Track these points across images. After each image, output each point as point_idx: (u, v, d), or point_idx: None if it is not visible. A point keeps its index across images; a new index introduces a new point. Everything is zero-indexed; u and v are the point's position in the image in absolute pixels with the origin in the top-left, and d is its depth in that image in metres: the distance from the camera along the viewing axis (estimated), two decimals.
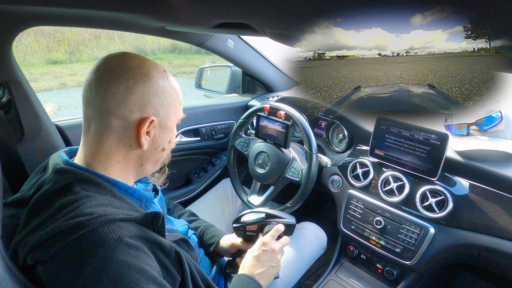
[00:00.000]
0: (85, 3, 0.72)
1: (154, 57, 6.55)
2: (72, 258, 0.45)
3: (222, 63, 1.75)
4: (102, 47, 6.31)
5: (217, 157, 1.60)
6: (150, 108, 0.55)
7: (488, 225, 0.87)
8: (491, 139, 0.95)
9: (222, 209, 1.23)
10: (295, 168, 1.09)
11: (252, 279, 0.68)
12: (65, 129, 1.12)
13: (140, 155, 0.59)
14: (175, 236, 0.63)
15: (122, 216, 0.48)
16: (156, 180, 0.74)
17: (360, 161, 1.14)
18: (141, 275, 0.45)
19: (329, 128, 1.32)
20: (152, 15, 0.81)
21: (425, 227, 0.95)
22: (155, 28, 1.04)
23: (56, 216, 0.48)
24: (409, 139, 1.00)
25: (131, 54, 0.57)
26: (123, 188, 0.56)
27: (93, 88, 0.53)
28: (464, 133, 1.00)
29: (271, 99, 1.56)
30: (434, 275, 1.08)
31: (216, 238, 0.87)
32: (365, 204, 1.09)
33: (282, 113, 1.09)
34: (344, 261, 1.22)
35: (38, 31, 5.72)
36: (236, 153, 1.27)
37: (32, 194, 0.55)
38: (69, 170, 0.53)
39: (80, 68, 5.79)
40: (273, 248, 0.74)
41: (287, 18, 0.63)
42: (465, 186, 0.94)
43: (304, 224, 1.14)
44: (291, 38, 0.78)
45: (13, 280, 0.45)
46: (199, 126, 1.47)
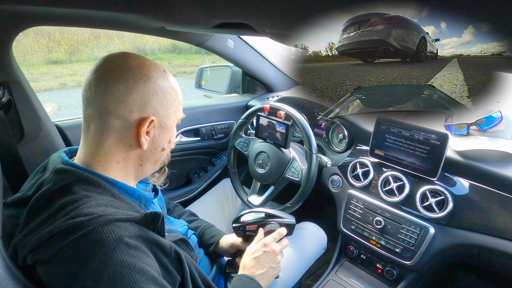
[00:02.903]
0: (85, 3, 0.72)
1: (154, 57, 6.55)
2: (72, 258, 0.45)
3: (222, 63, 1.75)
4: (102, 47, 6.31)
5: (217, 157, 1.60)
6: (150, 108, 0.55)
7: (488, 225, 0.87)
8: (491, 139, 0.95)
9: (222, 209, 1.23)
10: (295, 168, 1.09)
11: (253, 279, 0.68)
12: (65, 129, 1.12)
13: (140, 155, 0.59)
14: (175, 236, 0.63)
15: (121, 216, 0.48)
16: (156, 180, 0.74)
17: (360, 161, 1.14)
18: (141, 275, 0.45)
19: (329, 128, 1.32)
20: (152, 15, 0.82)
21: (425, 227, 0.95)
22: (155, 28, 1.04)
23: (56, 216, 0.48)
24: (409, 139, 1.00)
25: (131, 54, 0.57)
26: (123, 188, 0.56)
27: (93, 88, 0.53)
28: (464, 133, 0.99)
29: (271, 99, 1.56)
30: (434, 275, 1.08)
31: (216, 238, 0.87)
32: (365, 204, 1.09)
33: (282, 113, 1.09)
34: (344, 261, 1.22)
35: (38, 31, 5.72)
36: (236, 153, 1.27)
37: (32, 194, 0.55)
38: (68, 170, 0.53)
39: (80, 68, 5.79)
40: (274, 250, 0.74)
41: (287, 18, 0.63)
42: (465, 186, 0.94)
43: (304, 224, 1.14)
44: (291, 38, 0.78)
45: (13, 280, 0.45)
46: (199, 126, 1.47)
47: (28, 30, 0.92)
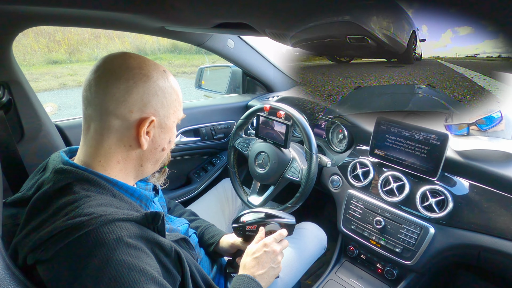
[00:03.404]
0: (85, 3, 0.72)
1: (154, 57, 6.55)
2: (72, 258, 0.45)
3: (222, 63, 1.75)
4: (102, 47, 6.31)
5: (217, 157, 1.60)
6: (150, 108, 0.55)
7: (488, 225, 0.87)
8: (491, 139, 0.95)
9: (222, 209, 1.23)
10: (295, 168, 1.09)
11: (253, 279, 0.68)
12: (65, 129, 1.12)
13: (140, 155, 0.59)
14: (176, 235, 0.63)
15: (122, 216, 0.48)
16: (156, 180, 0.74)
17: (360, 161, 1.14)
18: (141, 275, 0.45)
19: (329, 128, 1.32)
20: (152, 15, 0.82)
21: (425, 227, 0.95)
22: (155, 28, 1.04)
23: (56, 216, 0.48)
24: (409, 139, 1.00)
25: (131, 54, 0.57)
26: (123, 188, 0.56)
27: (93, 88, 0.53)
28: (464, 133, 0.99)
29: (271, 99, 1.56)
30: (434, 275, 1.08)
31: (216, 238, 0.87)
32: (365, 204, 1.09)
33: (282, 113, 1.09)
34: (344, 261, 1.22)
35: (38, 31, 5.72)
36: (236, 153, 1.27)
37: (32, 194, 0.55)
38: (69, 170, 0.53)
39: (80, 68, 5.79)
40: (274, 250, 0.74)
41: (287, 18, 0.63)
42: (465, 186, 0.94)
43: (304, 224, 1.14)
44: (291, 38, 0.78)
45: (13, 280, 0.45)
46: (199, 126, 1.47)
47: (28, 30, 0.92)
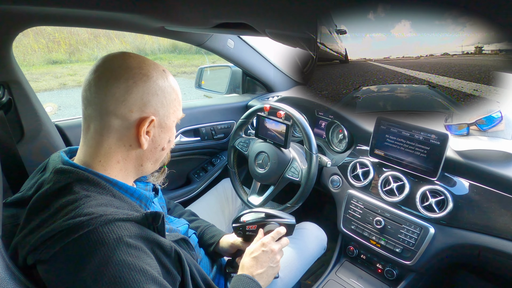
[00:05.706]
0: (85, 3, 0.72)
1: (154, 57, 6.55)
2: (72, 258, 0.45)
3: (222, 63, 1.74)
4: (102, 47, 6.31)
5: (217, 157, 1.60)
6: (150, 107, 0.55)
7: (488, 225, 0.87)
8: (491, 139, 0.95)
9: (222, 209, 1.23)
10: (295, 168, 1.09)
11: (252, 279, 0.68)
12: (65, 129, 1.12)
13: (140, 154, 0.59)
14: (175, 235, 0.63)
15: (122, 216, 0.48)
16: (155, 180, 0.74)
17: (360, 161, 1.14)
18: (141, 275, 0.45)
19: (329, 128, 1.32)
20: (152, 15, 0.82)
21: (425, 227, 0.95)
22: (155, 28, 1.04)
23: (56, 216, 0.48)
24: (409, 139, 1.00)
25: (131, 54, 0.57)
26: (123, 188, 0.56)
27: (93, 88, 0.53)
28: (464, 133, 0.99)
29: (271, 99, 1.56)
30: (434, 275, 1.08)
31: (216, 238, 0.87)
32: (365, 204, 1.09)
33: (282, 113, 1.09)
34: (344, 261, 1.22)
35: (38, 31, 5.72)
36: (236, 153, 1.27)
37: (32, 194, 0.55)
38: (68, 170, 0.53)
39: (80, 68, 5.78)
40: (273, 249, 0.74)
41: (287, 18, 0.63)
42: (465, 186, 0.94)
43: (304, 224, 1.14)
44: (291, 38, 0.78)
45: (13, 280, 0.45)
46: (199, 126, 1.47)
47: (28, 30, 0.92)
